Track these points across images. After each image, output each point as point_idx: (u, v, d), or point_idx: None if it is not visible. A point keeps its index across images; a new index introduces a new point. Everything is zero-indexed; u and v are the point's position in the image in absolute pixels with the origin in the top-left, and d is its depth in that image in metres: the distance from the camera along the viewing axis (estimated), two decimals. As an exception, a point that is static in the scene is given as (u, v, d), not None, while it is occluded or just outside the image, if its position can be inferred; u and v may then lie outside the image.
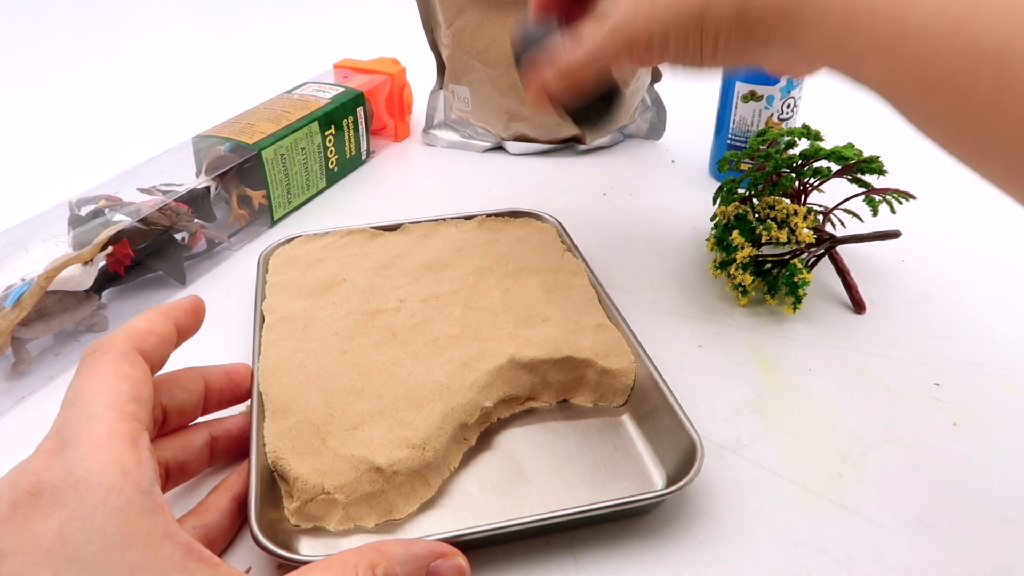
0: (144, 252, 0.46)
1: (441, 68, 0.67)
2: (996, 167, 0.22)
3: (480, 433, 0.35)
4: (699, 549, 0.31)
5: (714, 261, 0.46)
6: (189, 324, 0.31)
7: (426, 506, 0.32)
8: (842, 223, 0.49)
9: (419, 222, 0.49)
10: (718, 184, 0.50)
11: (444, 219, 0.49)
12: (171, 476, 0.31)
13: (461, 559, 0.26)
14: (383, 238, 0.47)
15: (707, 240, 0.48)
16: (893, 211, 0.45)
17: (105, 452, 0.23)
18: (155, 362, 0.28)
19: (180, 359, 0.42)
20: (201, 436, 0.32)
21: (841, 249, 0.47)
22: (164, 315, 0.30)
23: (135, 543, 0.22)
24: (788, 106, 0.56)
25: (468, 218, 0.49)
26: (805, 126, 0.48)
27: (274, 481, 0.31)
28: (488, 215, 0.49)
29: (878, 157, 0.46)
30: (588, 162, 0.65)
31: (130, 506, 0.22)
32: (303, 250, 0.46)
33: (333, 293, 0.42)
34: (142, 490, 0.23)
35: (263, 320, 0.40)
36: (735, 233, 0.44)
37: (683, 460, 0.32)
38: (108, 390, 0.25)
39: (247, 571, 0.30)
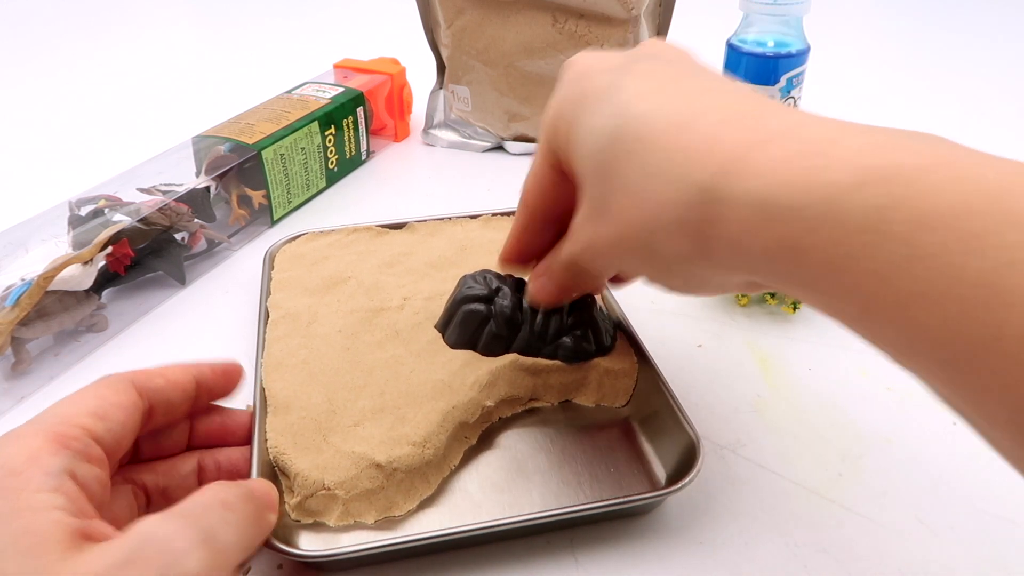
0: (144, 252, 0.46)
1: (441, 68, 0.67)
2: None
3: (481, 432, 0.35)
4: (699, 549, 0.31)
5: (714, 261, 0.46)
6: (214, 381, 0.31)
7: (426, 503, 0.32)
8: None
9: (425, 220, 0.49)
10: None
11: (449, 218, 0.49)
12: (153, 502, 0.29)
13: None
14: (388, 236, 0.47)
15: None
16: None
17: (19, 441, 0.23)
18: (154, 398, 0.28)
19: (181, 359, 0.42)
20: (188, 463, 0.31)
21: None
22: (183, 365, 0.30)
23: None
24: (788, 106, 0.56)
25: (473, 217, 0.49)
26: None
27: (275, 476, 0.32)
28: (493, 214, 0.49)
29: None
30: (588, 163, 0.65)
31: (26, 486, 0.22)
32: (308, 247, 0.46)
33: (338, 290, 0.42)
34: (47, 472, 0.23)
35: (267, 316, 0.40)
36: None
37: (683, 460, 0.32)
38: (74, 400, 0.25)
39: (246, 571, 0.30)
